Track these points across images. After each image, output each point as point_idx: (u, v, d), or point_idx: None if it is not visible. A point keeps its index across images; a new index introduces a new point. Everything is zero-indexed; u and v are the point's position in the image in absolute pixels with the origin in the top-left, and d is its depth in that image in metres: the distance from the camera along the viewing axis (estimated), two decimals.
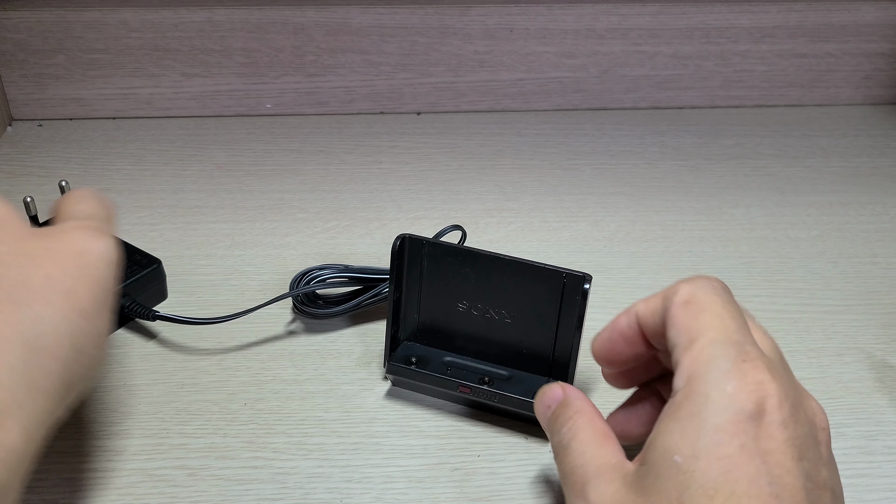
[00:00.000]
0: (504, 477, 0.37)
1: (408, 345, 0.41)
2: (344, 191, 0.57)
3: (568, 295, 0.38)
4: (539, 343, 0.39)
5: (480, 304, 0.39)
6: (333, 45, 0.64)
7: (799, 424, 0.27)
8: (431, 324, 0.41)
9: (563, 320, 0.38)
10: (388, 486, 0.36)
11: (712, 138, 0.65)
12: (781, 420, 0.26)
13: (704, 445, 0.26)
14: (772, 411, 0.26)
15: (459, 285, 0.39)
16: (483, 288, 0.39)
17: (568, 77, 0.67)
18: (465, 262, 0.39)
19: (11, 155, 0.60)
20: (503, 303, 0.39)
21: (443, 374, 0.39)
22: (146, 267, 0.45)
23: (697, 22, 0.65)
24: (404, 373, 0.40)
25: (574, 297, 0.37)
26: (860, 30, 0.67)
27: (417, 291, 0.40)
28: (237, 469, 0.37)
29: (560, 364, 0.39)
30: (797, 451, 0.26)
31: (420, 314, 0.41)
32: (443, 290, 0.40)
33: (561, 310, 0.38)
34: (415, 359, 0.40)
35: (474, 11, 0.63)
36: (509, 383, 0.39)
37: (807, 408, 0.28)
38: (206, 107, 0.65)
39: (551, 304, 0.38)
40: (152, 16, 0.61)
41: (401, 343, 0.41)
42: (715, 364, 0.27)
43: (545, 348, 0.39)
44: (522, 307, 0.39)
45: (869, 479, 0.37)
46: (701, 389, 0.27)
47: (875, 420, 0.40)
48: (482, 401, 0.39)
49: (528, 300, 0.39)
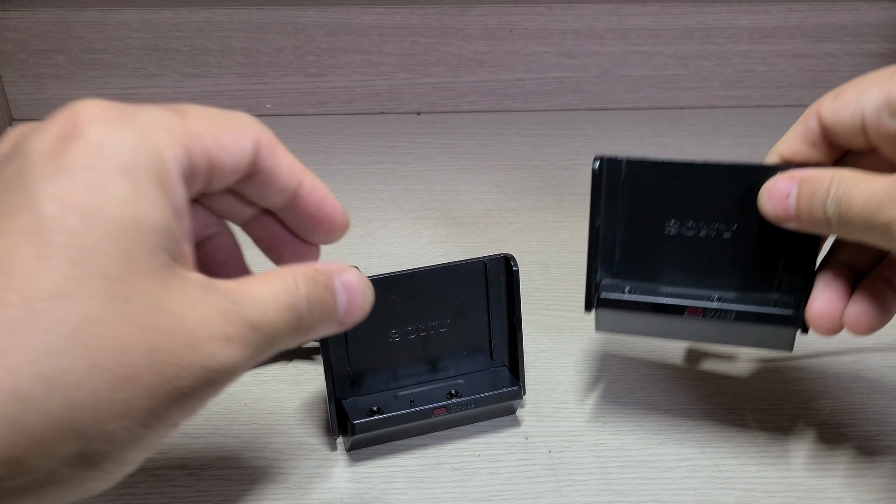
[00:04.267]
0: (504, 477, 0.37)
1: (351, 401, 0.38)
2: (344, 191, 0.57)
3: (493, 280, 0.37)
4: (478, 337, 0.39)
5: (411, 327, 0.37)
6: (333, 46, 0.64)
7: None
8: (364, 371, 0.38)
9: (494, 307, 0.38)
10: (389, 486, 0.36)
11: (712, 139, 0.65)
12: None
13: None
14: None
15: (385, 316, 0.37)
16: (409, 308, 0.37)
17: (568, 77, 0.67)
18: (388, 290, 0.36)
19: None
20: (432, 315, 0.37)
21: (408, 409, 0.37)
22: None
23: (697, 22, 0.65)
24: (370, 425, 0.37)
25: (498, 279, 0.37)
26: (860, 30, 0.67)
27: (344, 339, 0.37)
28: (237, 469, 0.37)
29: (502, 348, 0.39)
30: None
31: (350, 365, 0.37)
32: (371, 325, 0.34)
33: (489, 297, 0.37)
34: (375, 408, 0.37)
35: (474, 11, 0.63)
36: (476, 386, 0.39)
37: None
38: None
39: (479, 295, 0.37)
40: (152, 16, 0.61)
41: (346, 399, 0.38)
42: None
43: (484, 339, 0.39)
44: (451, 310, 0.38)
45: (869, 479, 0.37)
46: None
47: (875, 421, 0.40)
48: (459, 414, 0.38)
49: (455, 301, 0.38)
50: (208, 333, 0.22)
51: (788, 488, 0.37)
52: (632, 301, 0.35)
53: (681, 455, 0.38)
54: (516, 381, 0.39)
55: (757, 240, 0.35)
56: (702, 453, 0.39)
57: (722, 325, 0.35)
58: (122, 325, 0.21)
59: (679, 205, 0.35)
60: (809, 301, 0.34)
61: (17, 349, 0.19)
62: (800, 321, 0.34)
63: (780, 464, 0.38)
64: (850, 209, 0.30)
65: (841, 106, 0.32)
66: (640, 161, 0.35)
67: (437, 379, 0.39)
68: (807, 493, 0.37)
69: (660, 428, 0.40)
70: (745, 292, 0.35)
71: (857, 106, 0.32)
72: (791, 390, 0.42)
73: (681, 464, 0.38)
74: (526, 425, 0.40)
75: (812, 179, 0.32)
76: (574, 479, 0.37)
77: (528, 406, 0.41)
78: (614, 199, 0.36)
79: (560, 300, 0.48)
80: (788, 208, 0.32)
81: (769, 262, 0.35)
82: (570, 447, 0.39)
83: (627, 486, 0.37)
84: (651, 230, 0.36)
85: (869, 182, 0.30)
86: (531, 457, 0.38)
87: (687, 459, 0.38)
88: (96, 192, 0.21)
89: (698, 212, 0.35)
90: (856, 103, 0.32)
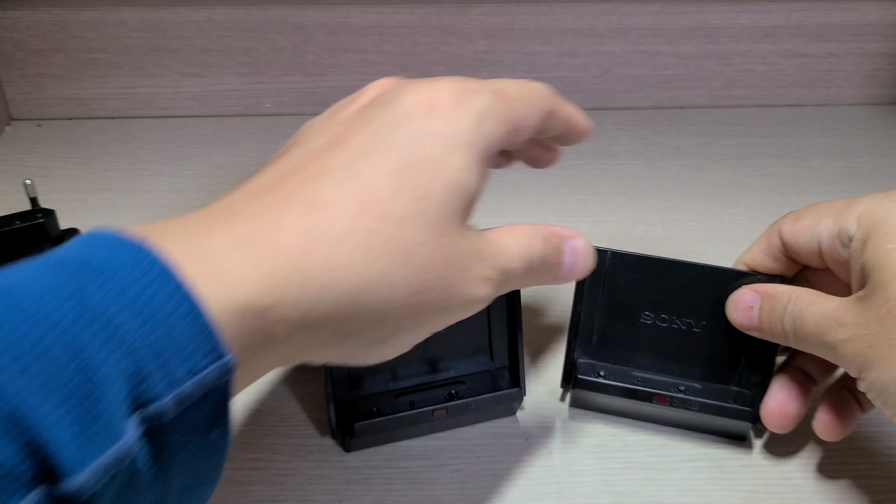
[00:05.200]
0: (504, 479, 0.37)
1: (351, 402, 0.38)
2: None
3: None
4: (479, 338, 0.39)
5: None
6: (333, 45, 0.64)
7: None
8: (364, 371, 0.38)
9: (494, 307, 0.38)
10: (389, 488, 0.36)
11: (713, 138, 0.65)
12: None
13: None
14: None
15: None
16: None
17: (568, 76, 0.67)
18: None
19: (10, 155, 0.60)
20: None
21: (408, 410, 0.37)
22: None
23: (698, 21, 0.65)
24: (370, 427, 0.37)
25: None
26: (862, 29, 0.66)
27: None
28: (237, 470, 0.37)
29: (502, 349, 0.39)
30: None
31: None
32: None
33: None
34: (375, 409, 0.37)
35: (475, 10, 0.63)
36: (476, 387, 0.39)
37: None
38: (206, 106, 0.65)
39: None
40: (151, 15, 0.61)
41: None
42: None
43: (484, 340, 0.39)
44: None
45: (871, 480, 0.37)
46: None
47: (876, 421, 0.40)
48: (460, 415, 0.38)
49: None
50: (476, 273, 0.29)
51: (790, 489, 0.37)
52: (606, 384, 0.38)
53: (682, 456, 0.38)
54: (517, 382, 0.39)
55: (723, 337, 0.38)
56: (704, 454, 0.38)
57: (686, 413, 0.38)
58: (433, 255, 0.27)
59: (655, 298, 0.38)
60: (765, 400, 0.37)
61: (368, 250, 0.26)
62: (755, 417, 0.37)
63: (783, 465, 0.38)
64: (804, 326, 0.34)
65: (800, 230, 0.36)
66: (623, 254, 0.38)
67: (437, 380, 0.39)
68: (809, 495, 0.37)
69: (661, 429, 0.40)
70: (709, 383, 0.39)
71: (814, 233, 0.36)
72: None
73: (682, 465, 0.38)
74: (526, 426, 0.39)
75: (773, 295, 0.36)
76: (575, 480, 0.37)
77: (528, 407, 0.41)
78: (596, 285, 0.39)
79: (560, 300, 0.47)
80: (752, 319, 0.37)
81: (732, 358, 0.39)
82: (570, 448, 0.38)
83: (629, 488, 0.37)
84: (628, 318, 0.39)
85: (821, 303, 0.34)
86: (532, 458, 0.38)
87: (689, 461, 0.38)
88: (443, 157, 0.28)
89: (672, 306, 0.38)
90: (813, 230, 0.36)
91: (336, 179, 0.27)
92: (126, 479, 0.21)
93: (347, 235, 0.26)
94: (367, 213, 0.26)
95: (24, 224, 0.41)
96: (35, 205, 0.42)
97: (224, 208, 0.26)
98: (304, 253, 0.25)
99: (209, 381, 0.22)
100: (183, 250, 0.23)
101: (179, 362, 0.22)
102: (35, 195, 0.42)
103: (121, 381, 0.21)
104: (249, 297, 0.24)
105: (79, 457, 0.19)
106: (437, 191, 0.28)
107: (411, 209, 0.27)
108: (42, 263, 0.22)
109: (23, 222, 0.41)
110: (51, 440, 0.19)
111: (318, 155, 0.28)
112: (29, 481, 0.19)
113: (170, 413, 0.22)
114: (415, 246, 0.27)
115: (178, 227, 0.25)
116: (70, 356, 0.20)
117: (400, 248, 0.27)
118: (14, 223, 0.41)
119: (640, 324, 0.39)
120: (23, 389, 0.19)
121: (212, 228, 0.25)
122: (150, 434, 0.21)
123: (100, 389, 0.20)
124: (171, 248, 0.23)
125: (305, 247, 0.25)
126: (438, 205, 0.28)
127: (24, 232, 0.41)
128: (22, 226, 0.41)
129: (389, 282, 0.27)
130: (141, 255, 0.22)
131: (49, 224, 0.41)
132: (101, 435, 0.20)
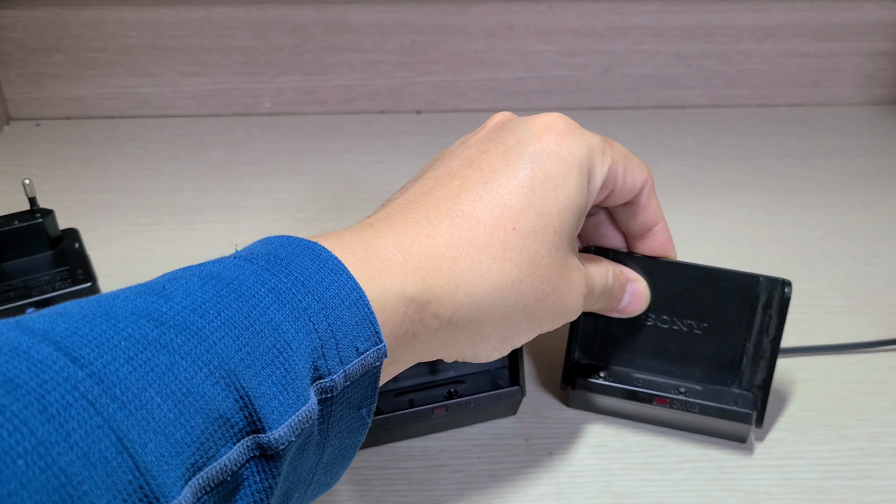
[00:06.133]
0: (505, 479, 0.37)
1: None
2: (343, 191, 0.57)
3: None
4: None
5: None
6: (332, 44, 0.63)
7: None
8: None
9: None
10: (389, 489, 0.36)
11: (714, 138, 0.65)
12: None
13: None
14: None
15: None
16: None
17: (569, 76, 0.67)
18: None
19: (9, 154, 0.60)
20: None
21: (407, 409, 0.37)
22: None
23: (699, 21, 0.65)
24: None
25: None
26: (863, 29, 0.66)
27: None
28: None
29: None
30: None
31: None
32: None
33: None
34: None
35: (475, 9, 0.63)
36: (476, 386, 0.39)
37: None
38: (205, 106, 0.65)
39: None
40: (150, 14, 0.61)
41: None
42: None
43: None
44: None
45: (872, 480, 0.37)
46: None
47: (878, 422, 0.40)
48: (459, 414, 0.38)
49: None
50: (578, 287, 0.33)
51: (791, 490, 0.37)
52: (606, 386, 0.39)
53: (683, 457, 0.38)
54: (516, 381, 0.39)
55: (724, 339, 0.38)
56: (704, 455, 0.38)
57: (686, 414, 0.38)
58: (552, 266, 0.31)
59: (656, 299, 0.38)
60: None
61: (504, 259, 0.30)
62: (756, 419, 0.37)
63: (783, 465, 0.38)
64: None
65: None
66: (627, 254, 0.38)
67: (436, 379, 0.39)
68: (809, 495, 0.37)
69: (661, 429, 0.40)
70: (709, 385, 0.39)
71: None
72: (793, 391, 0.42)
73: (683, 466, 0.38)
74: (527, 427, 0.39)
75: None
76: (575, 481, 0.37)
77: (528, 408, 0.40)
78: None
79: None
80: None
81: (733, 360, 0.38)
82: (571, 449, 0.38)
83: (629, 489, 0.37)
84: (628, 319, 0.39)
85: None
86: (532, 459, 0.38)
87: (689, 461, 0.38)
88: (563, 176, 0.31)
89: (673, 307, 0.38)
90: None
91: (476, 194, 0.30)
92: (305, 439, 0.24)
93: (487, 246, 0.30)
94: (503, 225, 0.30)
95: (23, 224, 0.41)
96: (34, 204, 0.42)
97: (385, 218, 0.30)
98: (455, 259, 0.29)
99: (368, 362, 0.26)
100: (359, 250, 0.27)
101: (348, 343, 0.25)
102: (34, 195, 0.42)
103: (305, 355, 0.24)
104: (414, 290, 0.27)
105: (278, 413, 0.23)
106: (557, 207, 0.31)
107: (537, 223, 0.31)
108: (233, 258, 0.26)
109: (21, 222, 0.41)
110: (258, 396, 0.23)
111: (456, 173, 0.31)
112: (240, 430, 0.22)
113: (338, 387, 0.25)
114: (539, 257, 0.31)
115: (349, 234, 0.29)
116: (270, 331, 0.24)
117: (528, 259, 0.30)
118: (13, 223, 0.41)
119: (640, 325, 0.39)
120: (236, 354, 0.23)
121: (378, 234, 0.29)
122: (322, 403, 0.25)
123: (292, 360, 0.24)
124: (346, 248, 0.27)
125: (455, 254, 0.29)
126: (558, 220, 0.31)
127: (22, 232, 0.41)
128: (21, 225, 0.41)
129: (519, 290, 0.30)
130: (317, 253, 0.26)
131: (48, 224, 0.41)
132: (294, 397, 0.23)
